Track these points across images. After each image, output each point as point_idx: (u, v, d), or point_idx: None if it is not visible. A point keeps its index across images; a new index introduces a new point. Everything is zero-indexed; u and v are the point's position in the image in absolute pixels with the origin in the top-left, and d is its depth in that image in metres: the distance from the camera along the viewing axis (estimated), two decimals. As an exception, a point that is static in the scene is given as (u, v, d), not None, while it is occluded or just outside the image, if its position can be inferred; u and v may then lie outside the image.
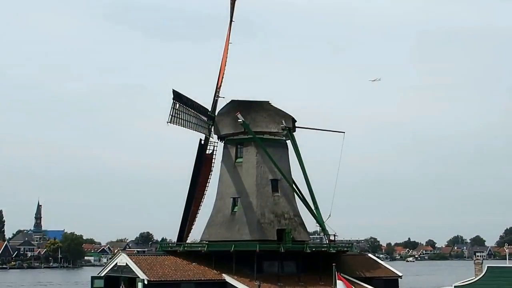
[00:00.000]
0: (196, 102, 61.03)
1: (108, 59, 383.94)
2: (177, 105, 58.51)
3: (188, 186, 63.33)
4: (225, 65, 62.79)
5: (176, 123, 58.38)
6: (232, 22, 63.20)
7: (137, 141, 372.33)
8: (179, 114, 58.68)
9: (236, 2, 63.25)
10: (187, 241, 64.06)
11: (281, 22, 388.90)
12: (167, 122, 57.46)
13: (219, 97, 63.55)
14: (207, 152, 64.06)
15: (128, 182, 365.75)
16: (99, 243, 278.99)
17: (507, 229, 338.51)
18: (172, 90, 58.34)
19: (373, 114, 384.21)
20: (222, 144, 63.80)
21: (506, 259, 57.34)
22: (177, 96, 58.61)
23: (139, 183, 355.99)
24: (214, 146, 64.25)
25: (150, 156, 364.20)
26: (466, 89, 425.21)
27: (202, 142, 63.86)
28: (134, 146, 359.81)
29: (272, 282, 56.67)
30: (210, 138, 63.43)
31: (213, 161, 64.35)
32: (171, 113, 57.82)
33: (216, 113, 63.27)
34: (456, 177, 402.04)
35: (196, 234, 65.96)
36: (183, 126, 59.23)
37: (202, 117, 61.65)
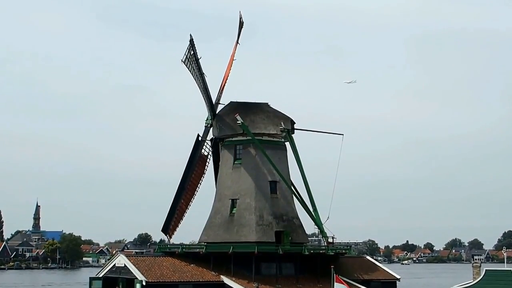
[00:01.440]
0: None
1: (109, 59, 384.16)
2: (191, 51, 58.99)
3: (180, 180, 63.69)
4: (227, 78, 64.03)
5: (188, 66, 59.04)
6: (238, 45, 64.79)
7: (137, 141, 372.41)
8: (191, 62, 59.35)
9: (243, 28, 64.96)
10: (172, 236, 64.30)
11: (279, 23, 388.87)
12: (181, 60, 58.28)
13: (219, 103, 64.12)
14: (202, 151, 64.36)
15: (127, 182, 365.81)
16: (98, 244, 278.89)
17: (505, 232, 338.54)
18: (190, 35, 58.79)
19: (371, 115, 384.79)
20: (221, 145, 63.89)
21: (504, 262, 57.49)
22: (192, 44, 58.92)
23: (138, 183, 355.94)
24: (209, 149, 64.61)
25: (149, 157, 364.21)
26: (463, 91, 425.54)
27: (200, 138, 64.11)
28: (134, 146, 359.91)
29: (270, 284, 56.65)
30: (206, 140, 63.89)
31: (207, 163, 64.57)
32: (185, 54, 58.61)
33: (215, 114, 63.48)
34: (455, 180, 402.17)
35: (194, 236, 66.09)
36: (192, 74, 59.88)
37: (205, 92, 61.95)
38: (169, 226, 64.09)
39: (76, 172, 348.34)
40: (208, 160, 64.91)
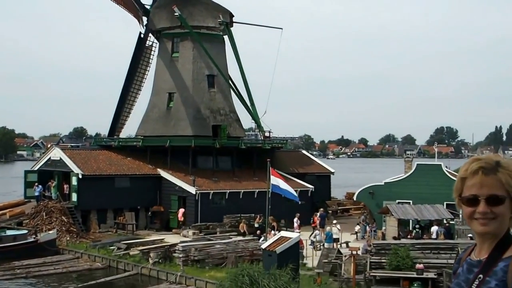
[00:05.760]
0: None
1: None
2: None
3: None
4: None
5: None
6: None
7: (70, 33, 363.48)
8: None
9: None
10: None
11: None
12: None
13: None
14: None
15: (61, 76, 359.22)
16: (32, 138, 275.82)
17: (437, 128, 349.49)
18: None
19: (315, 9, 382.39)
20: (158, 37, 62.63)
21: (435, 157, 59.26)
22: None
23: (73, 77, 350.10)
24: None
25: (85, 50, 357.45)
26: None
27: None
28: (69, 39, 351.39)
29: (206, 177, 57.12)
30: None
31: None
32: None
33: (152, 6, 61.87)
34: (391, 79, 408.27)
35: (130, 130, 65.75)
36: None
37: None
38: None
39: (7, 65, 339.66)
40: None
